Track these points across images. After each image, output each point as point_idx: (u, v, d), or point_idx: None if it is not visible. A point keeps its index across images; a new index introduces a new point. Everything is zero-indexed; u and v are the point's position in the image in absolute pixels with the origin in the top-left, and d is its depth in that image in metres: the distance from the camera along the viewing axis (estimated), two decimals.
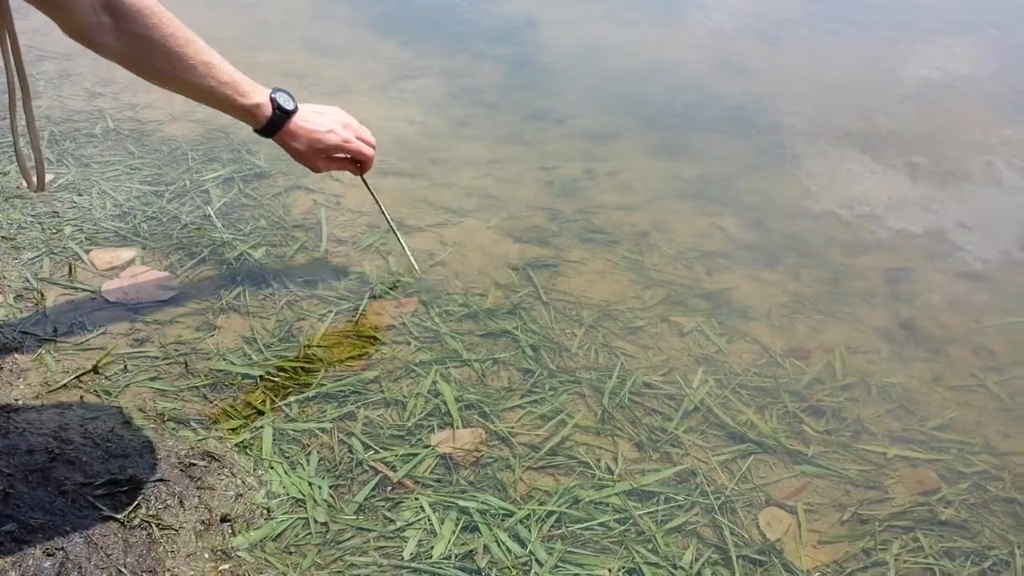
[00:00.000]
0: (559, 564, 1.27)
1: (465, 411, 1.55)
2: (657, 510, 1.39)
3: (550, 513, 1.35)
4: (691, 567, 1.29)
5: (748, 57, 3.58)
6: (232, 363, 1.62)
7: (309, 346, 1.68)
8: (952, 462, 1.58)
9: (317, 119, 1.62)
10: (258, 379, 1.60)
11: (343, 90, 2.88)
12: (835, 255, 2.19)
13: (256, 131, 1.58)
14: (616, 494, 1.40)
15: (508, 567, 1.26)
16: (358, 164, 1.76)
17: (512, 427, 1.52)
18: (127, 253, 1.92)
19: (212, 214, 2.08)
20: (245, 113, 1.53)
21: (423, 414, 1.53)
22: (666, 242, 2.16)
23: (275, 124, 1.56)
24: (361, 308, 1.80)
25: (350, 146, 1.68)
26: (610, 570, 1.27)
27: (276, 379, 1.60)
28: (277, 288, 1.85)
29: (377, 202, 1.88)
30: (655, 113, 2.95)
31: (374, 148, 1.75)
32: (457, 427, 1.51)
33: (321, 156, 1.65)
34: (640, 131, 2.79)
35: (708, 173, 2.55)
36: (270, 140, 1.60)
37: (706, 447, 1.53)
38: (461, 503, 1.36)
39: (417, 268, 1.88)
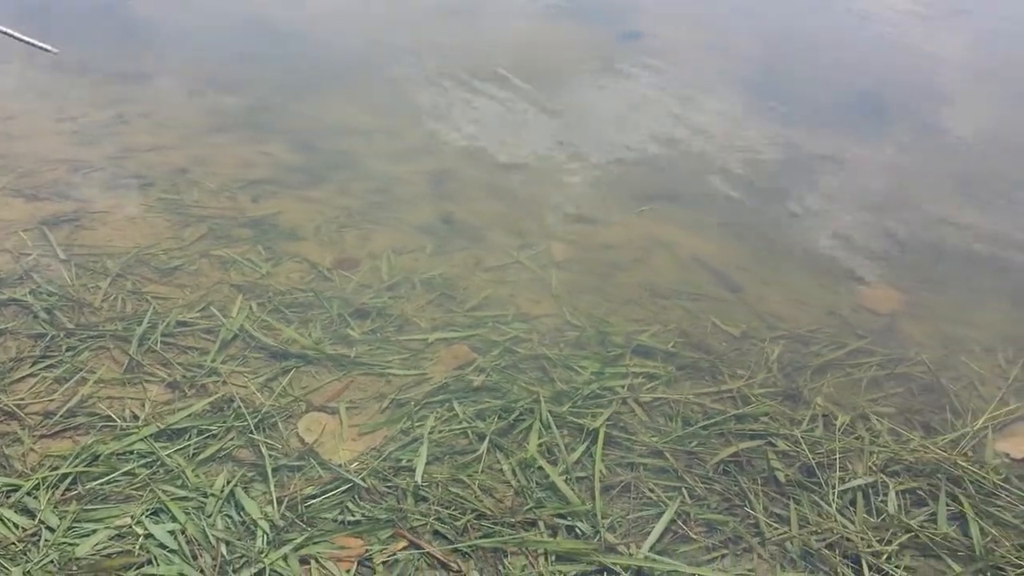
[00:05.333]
0: (74, 525, 1.17)
1: None
2: (188, 445, 1.33)
3: (64, 476, 1.24)
4: (223, 491, 1.26)
5: None
6: None
7: None
8: (487, 334, 1.71)
9: None
10: None
11: None
12: (383, 166, 2.26)
13: None
14: (142, 439, 1.32)
15: (14, 543, 1.14)
16: None
17: (22, 398, 1.37)
18: None
19: None
20: None
21: None
22: (208, 176, 2.06)
23: None
24: None
25: None
26: (133, 516, 1.20)
27: None
28: None
29: None
30: (194, 49, 2.79)
31: None
32: None
33: None
34: (178, 69, 2.62)
35: (254, 103, 2.48)
36: None
37: (246, 371, 1.50)
38: None
39: (51, 48, 1.51)
